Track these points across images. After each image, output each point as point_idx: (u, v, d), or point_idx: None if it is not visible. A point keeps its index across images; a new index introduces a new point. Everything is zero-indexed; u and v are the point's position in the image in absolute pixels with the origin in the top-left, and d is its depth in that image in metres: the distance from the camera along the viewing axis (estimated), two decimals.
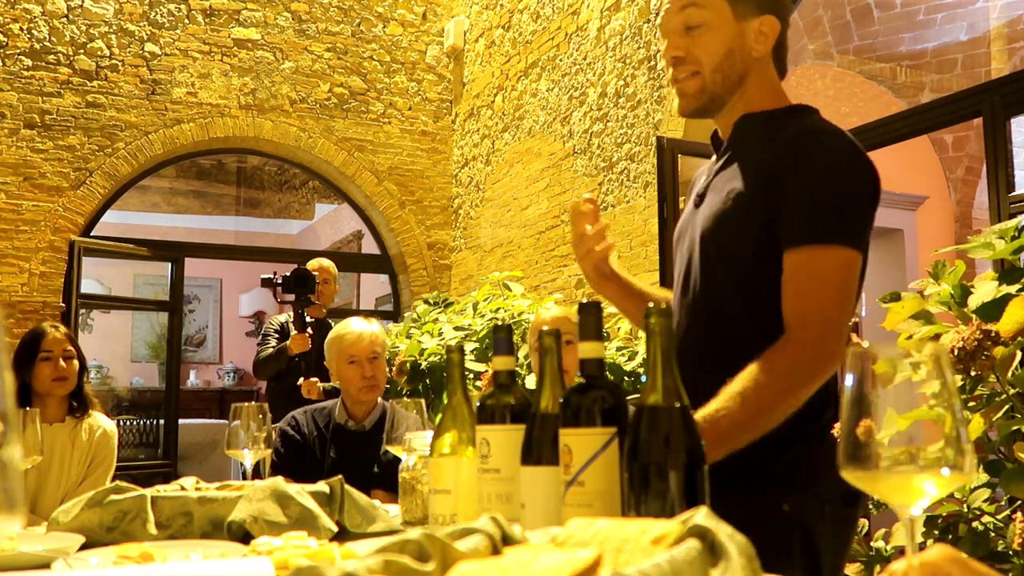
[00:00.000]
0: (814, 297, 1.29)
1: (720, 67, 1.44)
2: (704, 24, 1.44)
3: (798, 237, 1.32)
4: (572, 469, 0.99)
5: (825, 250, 1.31)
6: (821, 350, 1.27)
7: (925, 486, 0.71)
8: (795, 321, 1.29)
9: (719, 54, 1.44)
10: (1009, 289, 1.69)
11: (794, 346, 1.27)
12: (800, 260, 1.31)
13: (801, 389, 1.26)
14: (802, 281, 1.31)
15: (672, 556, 0.65)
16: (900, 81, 6.17)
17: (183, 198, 9.68)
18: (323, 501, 1.49)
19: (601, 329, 1.06)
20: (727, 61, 1.44)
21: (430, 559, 0.70)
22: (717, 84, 1.45)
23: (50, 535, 1.41)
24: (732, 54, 1.44)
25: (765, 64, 1.47)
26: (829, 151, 1.35)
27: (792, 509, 1.35)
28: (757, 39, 1.44)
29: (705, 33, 1.44)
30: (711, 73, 1.45)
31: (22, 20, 5.98)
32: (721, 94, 1.46)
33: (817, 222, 1.32)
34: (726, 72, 1.44)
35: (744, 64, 1.45)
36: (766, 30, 1.44)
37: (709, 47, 1.44)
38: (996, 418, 1.64)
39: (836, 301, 1.30)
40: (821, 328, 1.27)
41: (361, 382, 2.83)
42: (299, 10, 6.77)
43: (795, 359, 1.26)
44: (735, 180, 1.42)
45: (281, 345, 4.28)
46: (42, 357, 2.94)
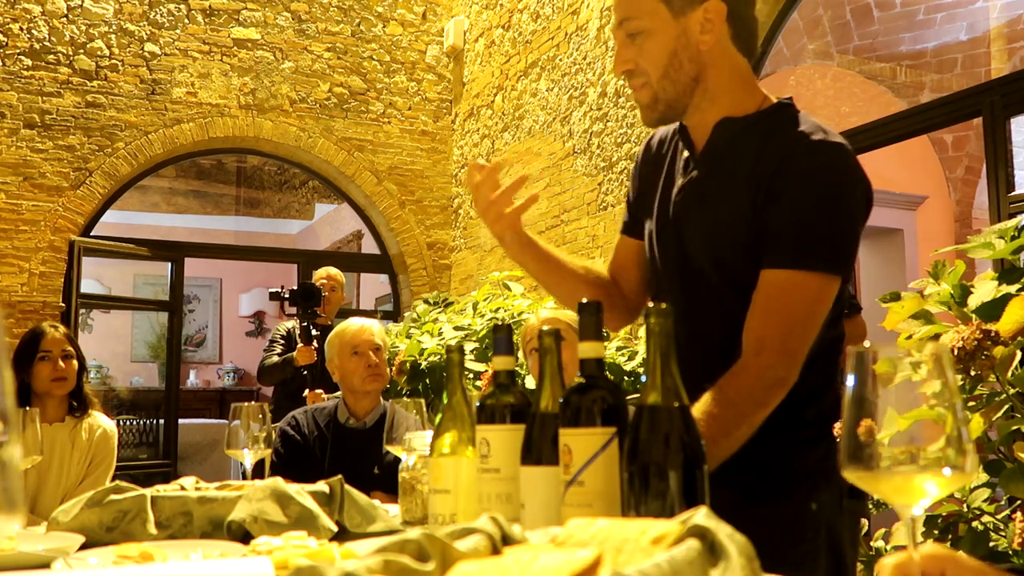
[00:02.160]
0: (776, 323, 1.28)
1: (667, 73, 1.38)
2: (643, 32, 1.37)
3: (780, 259, 1.29)
4: (572, 469, 0.99)
5: (804, 276, 1.28)
6: (772, 377, 1.26)
7: (926, 486, 0.71)
8: (751, 345, 1.27)
9: (663, 60, 1.37)
10: (1009, 289, 1.69)
11: (745, 373, 1.26)
12: (775, 282, 1.29)
13: (752, 416, 1.25)
14: (769, 303, 1.29)
15: (672, 556, 0.65)
16: (900, 81, 6.17)
17: (183, 198, 9.69)
18: (323, 501, 1.49)
19: (601, 329, 1.06)
20: (673, 65, 1.37)
21: (430, 559, 0.70)
22: (668, 91, 1.39)
23: (50, 535, 1.41)
24: (677, 56, 1.37)
25: (723, 53, 1.39)
26: (828, 170, 1.31)
27: (818, 507, 1.36)
28: (703, 30, 1.36)
29: (646, 41, 1.37)
30: (659, 81, 1.38)
31: (22, 20, 5.98)
32: (676, 99, 1.40)
33: (804, 247, 1.29)
34: (674, 77, 1.38)
35: (694, 63, 1.37)
36: (712, 16, 1.36)
37: (652, 54, 1.38)
38: (996, 418, 1.64)
39: (797, 330, 1.28)
40: (775, 355, 1.26)
41: (365, 371, 2.85)
42: (299, 10, 6.77)
43: (745, 386, 1.25)
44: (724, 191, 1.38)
45: (287, 355, 4.36)
46: (40, 357, 2.94)
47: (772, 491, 1.36)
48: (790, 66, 5.90)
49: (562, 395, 1.05)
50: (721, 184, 1.39)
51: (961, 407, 0.71)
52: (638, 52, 1.39)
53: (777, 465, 1.35)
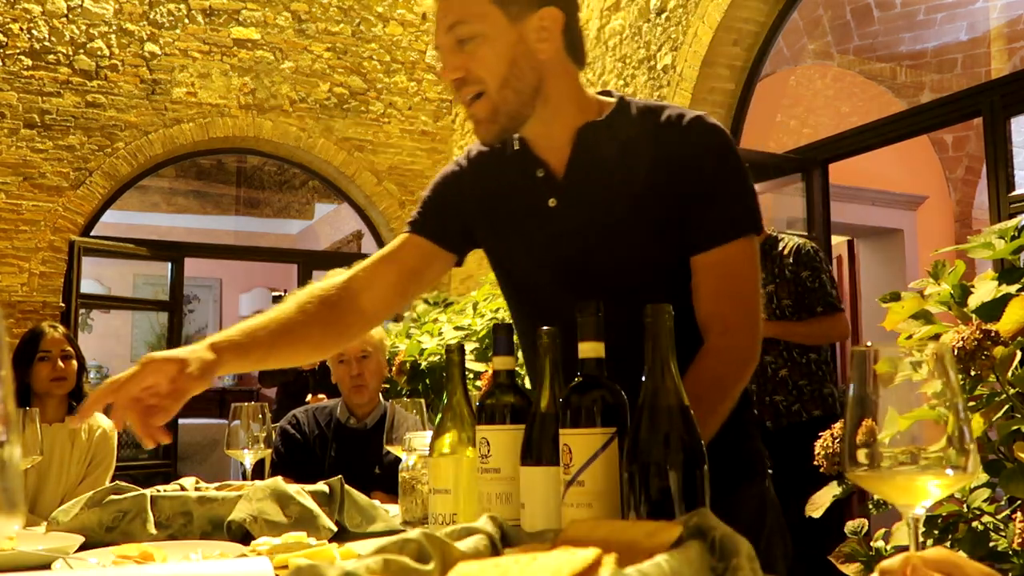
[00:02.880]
0: (731, 300, 1.29)
1: (507, 82, 1.28)
2: (476, 36, 1.27)
3: (713, 239, 1.30)
4: (572, 469, 0.99)
5: (738, 245, 1.30)
6: (745, 351, 1.29)
7: (928, 486, 0.71)
8: (715, 327, 1.27)
9: (502, 68, 1.27)
10: (1009, 289, 1.69)
11: (718, 353, 1.26)
12: (713, 262, 1.30)
13: (733, 390, 1.28)
14: (718, 282, 1.30)
15: (672, 556, 0.65)
16: (900, 81, 6.17)
17: (183, 198, 9.69)
18: (323, 501, 1.49)
19: (601, 329, 1.06)
20: (513, 74, 1.28)
21: (430, 559, 0.70)
22: (510, 102, 1.29)
23: (50, 535, 1.41)
24: (517, 63, 1.28)
25: (560, 62, 1.33)
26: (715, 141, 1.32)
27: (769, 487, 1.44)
28: (540, 38, 1.29)
29: (480, 47, 1.27)
30: (499, 91, 1.28)
31: (22, 20, 5.98)
32: (518, 110, 1.31)
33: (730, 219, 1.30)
34: (516, 86, 1.29)
35: (535, 72, 1.30)
36: (548, 24, 1.29)
37: (488, 62, 1.27)
38: (996, 418, 1.64)
39: (751, 299, 1.31)
40: (741, 330, 1.28)
41: (349, 382, 2.83)
42: (299, 10, 6.77)
43: (723, 365, 1.26)
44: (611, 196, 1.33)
45: None
46: (40, 357, 2.94)
47: (739, 475, 1.38)
48: (790, 66, 5.90)
49: (562, 395, 1.04)
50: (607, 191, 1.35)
51: (963, 407, 0.71)
52: (470, 59, 1.28)
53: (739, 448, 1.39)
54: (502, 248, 1.47)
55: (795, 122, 6.12)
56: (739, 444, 1.39)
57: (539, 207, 1.37)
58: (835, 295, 3.28)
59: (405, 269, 1.51)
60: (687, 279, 1.33)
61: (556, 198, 1.36)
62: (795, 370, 3.30)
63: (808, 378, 3.29)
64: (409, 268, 1.51)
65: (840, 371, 4.14)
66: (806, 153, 4.48)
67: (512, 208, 1.42)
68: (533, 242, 1.40)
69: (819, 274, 3.26)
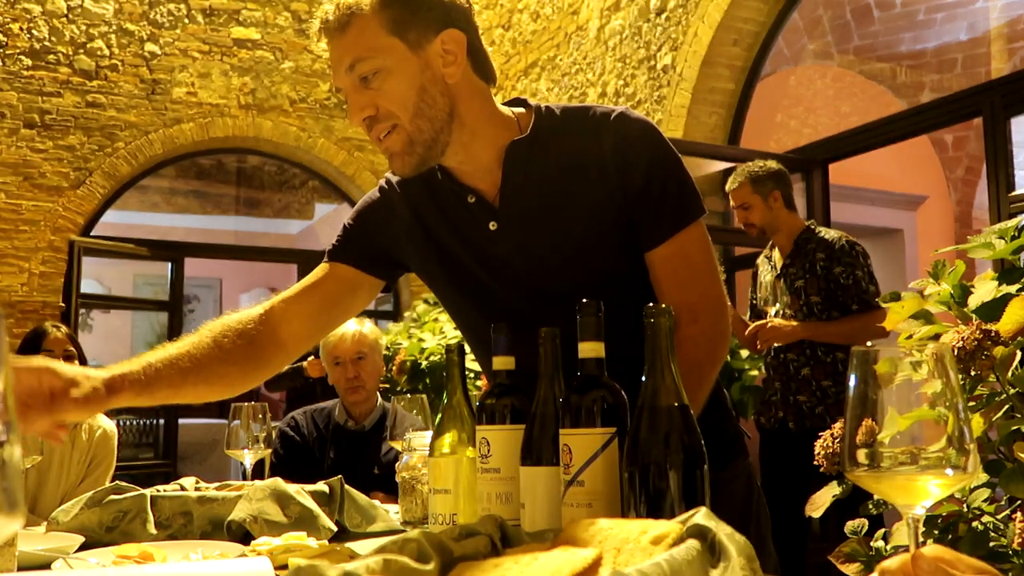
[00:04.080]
0: (694, 287, 1.31)
1: (419, 111, 1.25)
2: (380, 71, 1.24)
3: (663, 232, 1.31)
4: (572, 469, 0.99)
5: (688, 232, 1.31)
6: (716, 335, 1.31)
7: (928, 486, 0.71)
8: (683, 316, 1.26)
9: (411, 98, 1.25)
10: (1009, 289, 1.69)
11: (690, 342, 1.26)
12: (669, 253, 1.31)
13: (711, 375, 1.30)
14: (678, 273, 1.31)
15: (672, 556, 0.65)
16: (900, 81, 6.17)
17: (183, 198, 9.69)
18: (323, 501, 1.49)
19: (601, 329, 1.06)
20: (424, 102, 1.25)
21: (430, 559, 0.70)
22: (424, 131, 1.26)
23: (50, 535, 1.41)
24: (426, 91, 1.25)
25: (469, 83, 1.30)
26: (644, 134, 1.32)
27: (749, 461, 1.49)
28: (446, 62, 1.26)
29: (386, 81, 1.24)
30: (412, 121, 1.25)
31: (22, 20, 5.98)
32: (434, 138, 1.27)
33: (676, 208, 1.31)
34: (429, 114, 1.26)
35: (445, 96, 1.27)
36: (451, 47, 1.26)
37: (395, 95, 1.24)
38: (996, 418, 1.64)
39: (712, 282, 1.33)
40: (709, 315, 1.30)
41: (345, 383, 2.83)
42: (299, 10, 6.77)
43: (697, 354, 1.27)
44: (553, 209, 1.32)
45: (296, 365, 4.27)
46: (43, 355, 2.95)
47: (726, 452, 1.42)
48: (790, 66, 5.90)
49: (562, 395, 1.04)
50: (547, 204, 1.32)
51: (963, 407, 0.71)
52: (376, 95, 1.25)
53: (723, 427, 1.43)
54: (447, 271, 1.42)
55: (795, 122, 6.13)
56: (722, 423, 1.43)
57: (480, 231, 1.35)
58: (872, 291, 3.07)
59: (327, 299, 1.47)
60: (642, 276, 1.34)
61: (496, 221, 1.34)
62: (818, 369, 3.14)
63: (833, 379, 3.12)
64: (331, 298, 1.47)
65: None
66: (806, 153, 4.48)
67: (451, 233, 1.38)
68: (482, 262, 1.37)
69: (854, 270, 3.08)
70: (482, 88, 1.33)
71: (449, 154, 1.32)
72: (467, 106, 1.30)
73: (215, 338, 1.37)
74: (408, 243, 1.44)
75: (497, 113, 1.35)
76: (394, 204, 1.44)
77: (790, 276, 3.20)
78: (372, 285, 1.49)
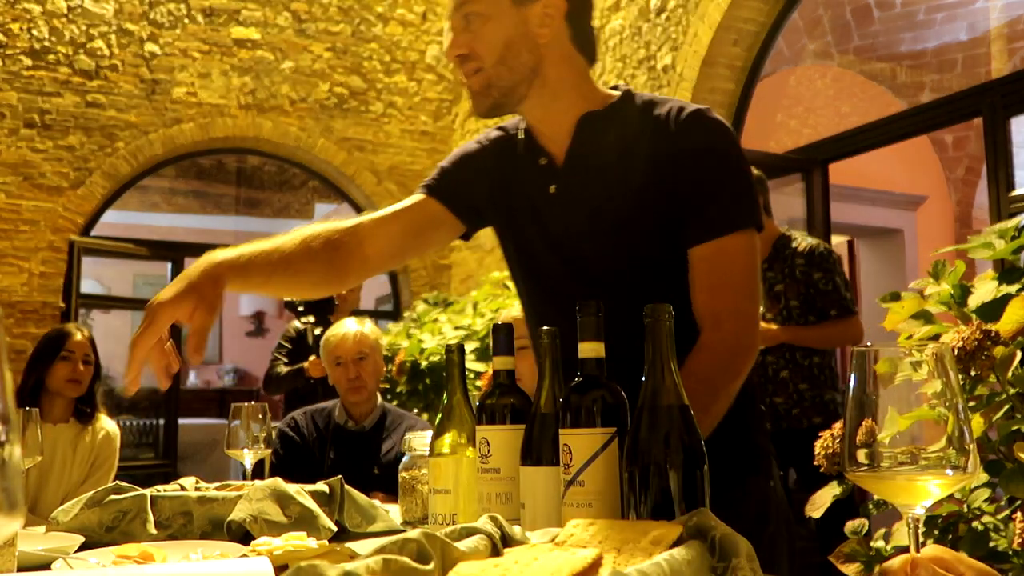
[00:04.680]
0: (724, 294, 1.29)
1: (503, 59, 1.35)
2: (481, 16, 1.35)
3: (708, 231, 1.31)
4: (572, 469, 0.99)
5: (734, 239, 1.30)
6: (737, 346, 1.28)
7: (928, 486, 0.71)
8: (707, 321, 1.28)
9: (499, 46, 1.35)
10: (1009, 289, 1.69)
11: (709, 349, 1.26)
12: (708, 255, 1.30)
13: (727, 388, 1.27)
14: (712, 276, 1.30)
15: (672, 556, 0.65)
16: (900, 81, 6.17)
17: (183, 198, 9.68)
18: (323, 501, 1.49)
19: (601, 329, 1.06)
20: (510, 52, 1.35)
21: (430, 559, 0.70)
22: (503, 78, 1.36)
23: (50, 535, 1.41)
24: (514, 44, 1.35)
25: (562, 50, 1.37)
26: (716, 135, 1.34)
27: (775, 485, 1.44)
28: (542, 23, 1.35)
29: (483, 25, 1.35)
30: (494, 67, 1.35)
31: (22, 20, 5.98)
32: (512, 87, 1.37)
33: (726, 212, 1.31)
34: (511, 64, 1.35)
35: (532, 53, 1.35)
36: (551, 11, 1.35)
37: (488, 40, 1.35)
38: (996, 418, 1.64)
39: (746, 293, 1.31)
40: (733, 324, 1.28)
41: (346, 384, 2.83)
42: (299, 10, 6.77)
43: (713, 361, 1.25)
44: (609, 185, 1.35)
45: (297, 366, 4.23)
46: (63, 356, 2.96)
47: (742, 469, 1.38)
48: (790, 66, 5.90)
49: (562, 395, 1.04)
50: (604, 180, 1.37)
51: (963, 407, 0.71)
52: (473, 37, 1.35)
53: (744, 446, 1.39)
54: (512, 231, 1.49)
55: (795, 122, 6.13)
56: (742, 438, 1.38)
57: (542, 193, 1.41)
58: (849, 298, 3.17)
59: (412, 227, 1.53)
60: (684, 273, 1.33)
61: (556, 185, 1.40)
62: (796, 373, 3.22)
63: (809, 382, 3.21)
64: (416, 226, 1.53)
65: (842, 374, 4.13)
66: (806, 153, 4.48)
67: (520, 193, 1.45)
68: (539, 227, 1.43)
69: (832, 276, 3.17)
70: (575, 58, 1.39)
71: (528, 109, 1.40)
72: (553, 68, 1.37)
73: (304, 239, 1.46)
74: (491, 197, 1.50)
75: (585, 86, 1.40)
76: (487, 156, 1.51)
77: (769, 280, 3.24)
78: (453, 226, 1.55)
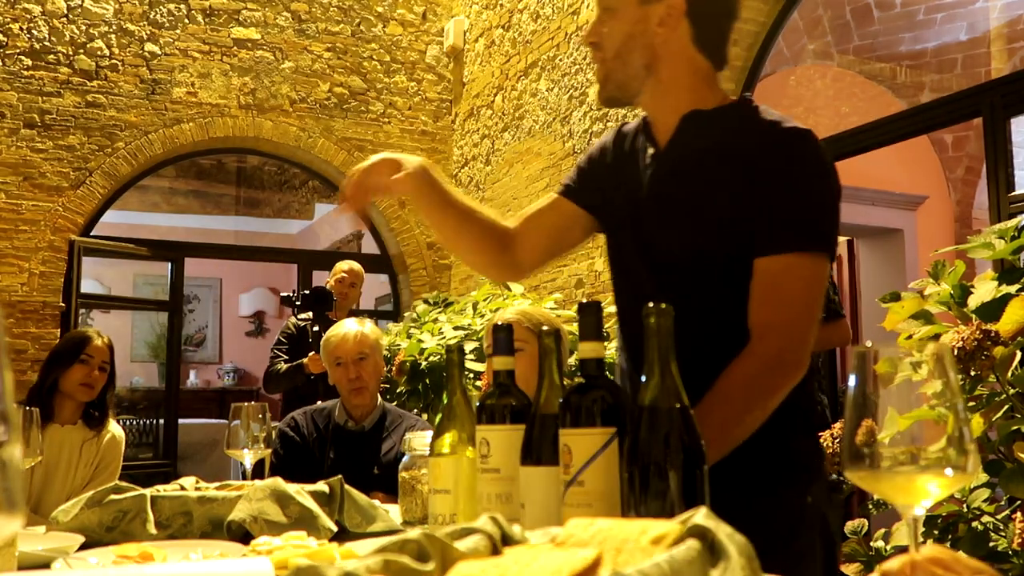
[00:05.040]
0: (779, 308, 1.29)
1: (619, 53, 1.41)
2: (611, 9, 1.42)
3: (773, 245, 1.31)
4: (572, 469, 0.99)
5: (801, 259, 1.30)
6: (780, 361, 1.27)
7: (928, 486, 0.71)
8: (757, 331, 1.29)
9: (618, 40, 1.41)
10: (1009, 289, 1.69)
11: (753, 359, 1.26)
12: (772, 268, 1.30)
13: (764, 400, 1.26)
14: (770, 290, 1.30)
15: (672, 556, 0.65)
16: (900, 81, 6.17)
17: (183, 198, 9.68)
18: (323, 501, 1.49)
19: (601, 329, 1.06)
20: (627, 47, 1.41)
21: (430, 559, 0.70)
22: (617, 72, 1.43)
23: (50, 535, 1.41)
24: (633, 39, 1.40)
25: (681, 49, 1.41)
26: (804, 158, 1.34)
27: (813, 500, 1.39)
28: (661, 22, 1.40)
29: (611, 19, 1.42)
30: (612, 60, 1.42)
31: (22, 20, 5.98)
32: (626, 81, 1.43)
33: (798, 231, 1.31)
34: (625, 59, 1.41)
35: (649, 50, 1.40)
36: (671, 11, 1.39)
37: (611, 33, 1.42)
38: (996, 418, 1.64)
39: (801, 313, 1.30)
40: (781, 340, 1.27)
41: (347, 384, 2.82)
42: (299, 10, 6.77)
43: (755, 372, 1.25)
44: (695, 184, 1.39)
45: (297, 363, 4.20)
46: (81, 360, 2.97)
47: (777, 480, 1.36)
48: (790, 66, 5.90)
49: (562, 395, 1.04)
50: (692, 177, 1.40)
51: (963, 407, 0.71)
52: (603, 29, 1.43)
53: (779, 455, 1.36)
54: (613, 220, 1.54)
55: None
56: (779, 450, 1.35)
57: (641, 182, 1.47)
58: (836, 300, 3.19)
59: (553, 231, 1.62)
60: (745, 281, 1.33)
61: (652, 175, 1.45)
62: None
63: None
64: (555, 229, 1.61)
65: (840, 376, 4.13)
66: None
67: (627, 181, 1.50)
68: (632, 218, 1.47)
69: None
70: (695, 60, 1.42)
71: (644, 103, 1.47)
72: (668, 65, 1.41)
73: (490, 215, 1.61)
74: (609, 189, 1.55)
75: (702, 88, 1.43)
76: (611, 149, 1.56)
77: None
78: (587, 224, 1.60)
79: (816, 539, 1.37)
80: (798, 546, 1.34)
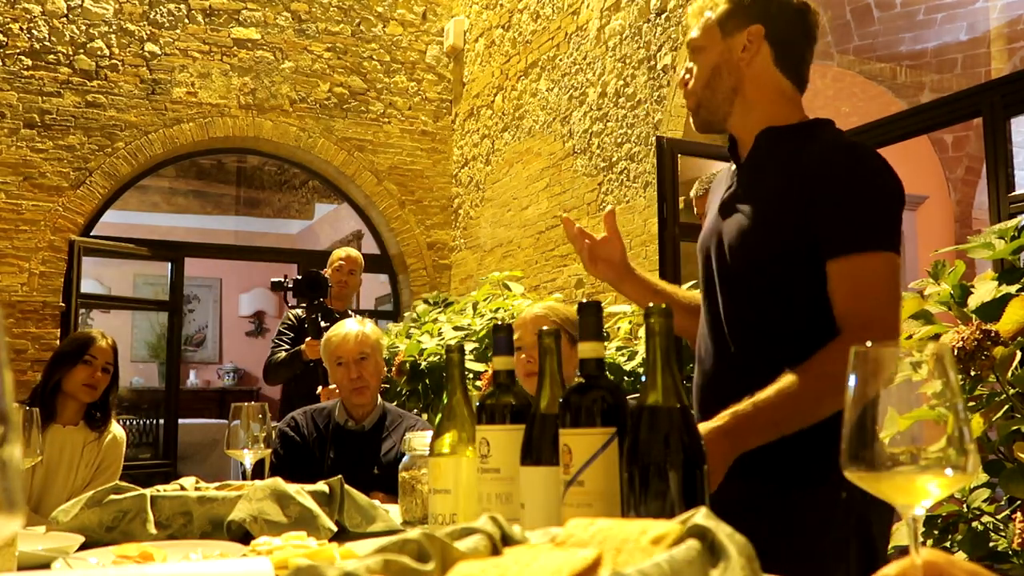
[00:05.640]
0: (869, 299, 1.36)
1: (708, 83, 1.55)
2: (699, 48, 1.57)
3: (843, 247, 1.38)
4: (572, 469, 0.99)
5: (871, 256, 1.37)
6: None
7: (928, 486, 0.70)
8: (855, 321, 1.34)
9: (707, 71, 1.56)
10: (1009, 289, 1.69)
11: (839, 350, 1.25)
12: (848, 267, 1.37)
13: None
14: (855, 285, 1.36)
15: (672, 556, 0.65)
16: (900, 81, 6.17)
17: (183, 198, 9.68)
18: (323, 501, 1.49)
19: (601, 329, 1.06)
20: (714, 76, 1.55)
21: (430, 559, 0.70)
22: (708, 99, 1.56)
23: (50, 535, 1.41)
24: (719, 69, 1.54)
25: (764, 71, 1.54)
26: (862, 165, 1.43)
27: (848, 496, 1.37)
28: (745, 48, 1.53)
29: (699, 56, 1.57)
30: (701, 89, 1.56)
31: (22, 20, 5.98)
32: (715, 106, 1.56)
33: (860, 231, 1.39)
34: (715, 86, 1.55)
35: (734, 76, 1.54)
36: (752, 39, 1.53)
37: (701, 67, 1.57)
38: (996, 418, 1.64)
39: (889, 303, 1.38)
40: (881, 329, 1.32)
41: (349, 384, 2.81)
42: (299, 10, 6.77)
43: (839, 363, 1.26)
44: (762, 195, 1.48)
45: (295, 349, 4.13)
46: (84, 360, 2.97)
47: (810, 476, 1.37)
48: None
49: (562, 395, 1.04)
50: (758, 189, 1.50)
51: (963, 407, 0.71)
52: (693, 64, 1.58)
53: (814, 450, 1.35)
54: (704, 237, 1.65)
55: None
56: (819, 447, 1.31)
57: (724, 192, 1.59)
58: None
59: None
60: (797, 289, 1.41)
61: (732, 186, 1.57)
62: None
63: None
64: None
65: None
66: None
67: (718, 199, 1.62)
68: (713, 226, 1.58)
69: None
70: (776, 79, 1.54)
71: (733, 123, 1.57)
72: (753, 85, 1.53)
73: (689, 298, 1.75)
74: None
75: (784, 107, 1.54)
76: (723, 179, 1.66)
77: None
78: None
79: (851, 538, 1.37)
80: (828, 542, 1.36)
